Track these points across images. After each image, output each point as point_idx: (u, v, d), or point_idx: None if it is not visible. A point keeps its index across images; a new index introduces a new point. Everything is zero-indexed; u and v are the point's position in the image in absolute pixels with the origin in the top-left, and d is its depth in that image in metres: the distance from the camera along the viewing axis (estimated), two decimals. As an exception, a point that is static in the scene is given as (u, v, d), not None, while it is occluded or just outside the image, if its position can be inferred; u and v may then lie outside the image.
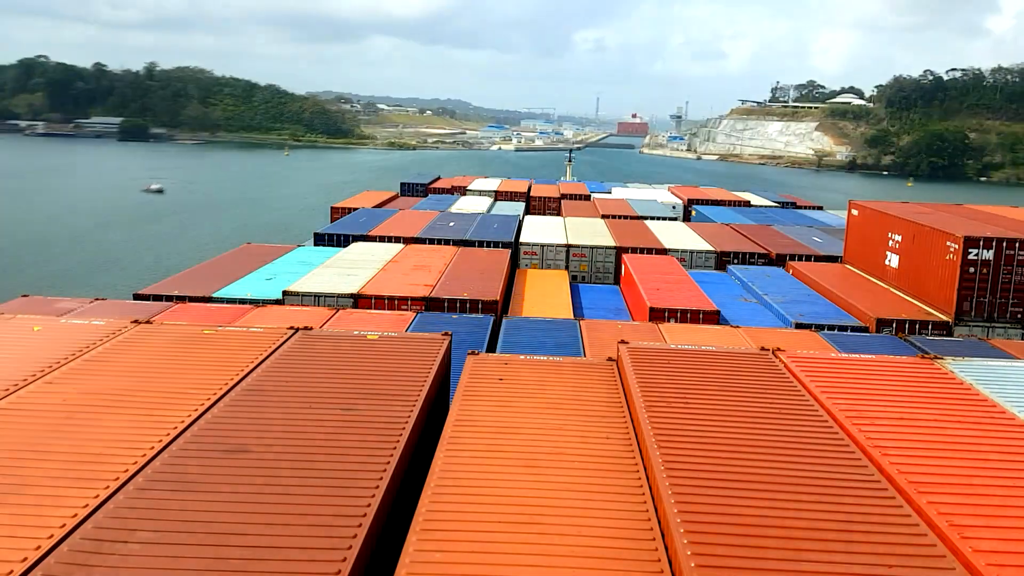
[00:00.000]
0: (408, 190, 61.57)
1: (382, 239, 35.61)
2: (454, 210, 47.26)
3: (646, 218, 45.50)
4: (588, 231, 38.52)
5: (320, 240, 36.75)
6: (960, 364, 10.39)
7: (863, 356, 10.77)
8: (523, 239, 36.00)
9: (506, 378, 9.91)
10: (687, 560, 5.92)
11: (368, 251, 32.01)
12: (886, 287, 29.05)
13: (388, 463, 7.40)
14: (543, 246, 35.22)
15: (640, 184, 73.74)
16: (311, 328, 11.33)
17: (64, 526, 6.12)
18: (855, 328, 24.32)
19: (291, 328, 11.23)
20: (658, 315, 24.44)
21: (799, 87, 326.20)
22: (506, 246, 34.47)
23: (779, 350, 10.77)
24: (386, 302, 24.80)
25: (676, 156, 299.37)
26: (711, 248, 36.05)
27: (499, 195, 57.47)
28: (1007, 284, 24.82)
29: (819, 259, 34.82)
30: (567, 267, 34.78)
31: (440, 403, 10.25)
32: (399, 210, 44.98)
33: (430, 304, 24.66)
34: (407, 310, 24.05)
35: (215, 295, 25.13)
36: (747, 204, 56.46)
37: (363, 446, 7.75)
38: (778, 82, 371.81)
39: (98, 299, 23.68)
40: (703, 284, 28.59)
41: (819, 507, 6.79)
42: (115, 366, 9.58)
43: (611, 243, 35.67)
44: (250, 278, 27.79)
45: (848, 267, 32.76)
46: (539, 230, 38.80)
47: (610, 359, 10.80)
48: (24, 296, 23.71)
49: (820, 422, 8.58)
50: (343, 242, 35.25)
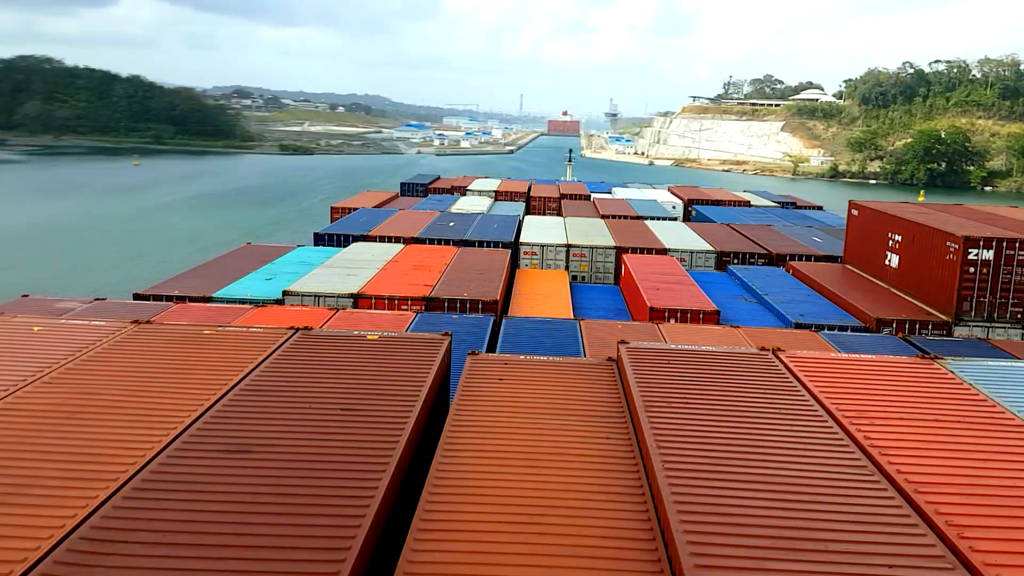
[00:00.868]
0: (408, 190, 61.65)
1: (382, 239, 35.64)
2: (454, 210, 47.29)
3: (646, 218, 45.54)
4: (588, 231, 38.54)
5: (320, 240, 36.78)
6: (960, 364, 10.39)
7: (863, 356, 10.77)
8: (523, 239, 36.01)
9: (506, 378, 9.91)
10: (687, 560, 5.92)
11: (368, 251, 32.03)
12: (886, 287, 29.05)
13: (388, 463, 7.40)
14: (543, 246, 35.23)
15: (640, 184, 73.76)
16: (311, 328, 11.33)
17: (64, 526, 6.12)
18: (855, 328, 24.34)
19: (291, 328, 11.24)
20: (658, 315, 24.45)
21: (755, 82, 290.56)
22: (506, 246, 34.48)
23: (779, 350, 10.76)
24: (386, 302, 24.81)
25: (623, 160, 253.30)
26: (711, 248, 36.06)
27: (499, 195, 57.52)
28: (1007, 284, 24.82)
29: (819, 259, 34.84)
30: (567, 267, 34.79)
31: (440, 403, 10.25)
32: (399, 210, 45.02)
33: (430, 304, 24.67)
34: (407, 310, 24.06)
35: (215, 295, 25.14)
36: (747, 204, 56.50)
37: (363, 446, 7.75)
38: (731, 76, 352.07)
39: (98, 299, 23.69)
40: (703, 284, 28.60)
41: (819, 507, 6.79)
42: (115, 366, 9.58)
43: (611, 243, 35.68)
44: (250, 278, 27.81)
45: (848, 267, 32.76)
46: (539, 230, 38.81)
47: (610, 359, 10.80)
48: (24, 296, 23.72)
49: (820, 422, 8.58)
50: (343, 242, 35.28)
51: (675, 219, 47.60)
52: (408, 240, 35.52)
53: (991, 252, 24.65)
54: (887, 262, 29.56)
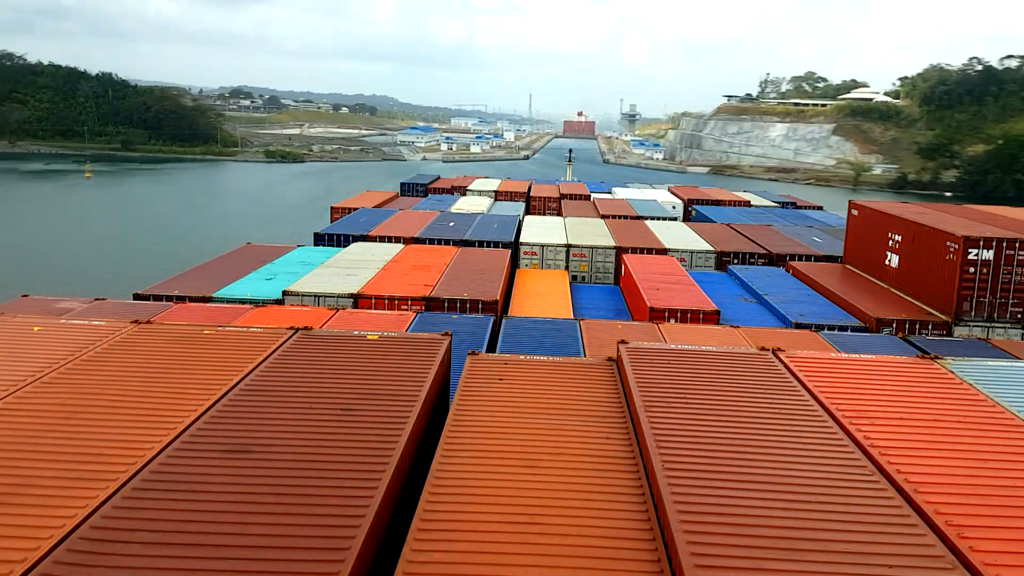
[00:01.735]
0: (408, 190, 61.63)
1: (382, 239, 35.65)
2: (454, 210, 47.30)
3: (646, 218, 45.55)
4: (588, 231, 38.54)
5: (320, 240, 36.79)
6: (960, 364, 10.39)
7: (863, 356, 10.76)
8: (523, 239, 36.01)
9: (506, 378, 9.91)
10: (687, 560, 5.92)
11: (368, 251, 32.04)
12: (886, 287, 29.06)
13: (388, 463, 7.40)
14: (543, 246, 35.23)
15: (640, 184, 73.75)
16: (311, 328, 11.32)
17: (64, 526, 6.12)
18: (855, 328, 24.34)
19: (291, 328, 11.23)
20: (658, 315, 24.45)
21: (795, 79, 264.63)
22: (506, 246, 34.48)
23: (779, 350, 10.76)
24: (386, 302, 24.81)
25: (652, 167, 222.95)
26: (711, 248, 36.07)
27: (499, 195, 57.52)
28: (1007, 284, 24.83)
29: (819, 259, 34.85)
30: (567, 267, 34.80)
31: (440, 403, 10.25)
32: (399, 210, 45.02)
33: (430, 304, 24.68)
34: (407, 310, 24.06)
35: (215, 295, 25.15)
36: (747, 204, 56.51)
37: (363, 446, 7.75)
38: (768, 74, 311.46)
39: (98, 299, 23.69)
40: (703, 284, 28.60)
41: (819, 507, 6.79)
42: (115, 366, 9.58)
43: (611, 243, 35.68)
44: (250, 278, 27.81)
45: (848, 267, 32.76)
46: (539, 230, 38.81)
47: (610, 359, 10.80)
48: (24, 296, 23.72)
49: (820, 422, 8.57)
50: (343, 242, 35.28)
51: (675, 219, 47.60)
52: (408, 240, 35.51)
53: (991, 252, 24.65)
54: (887, 262, 29.56)
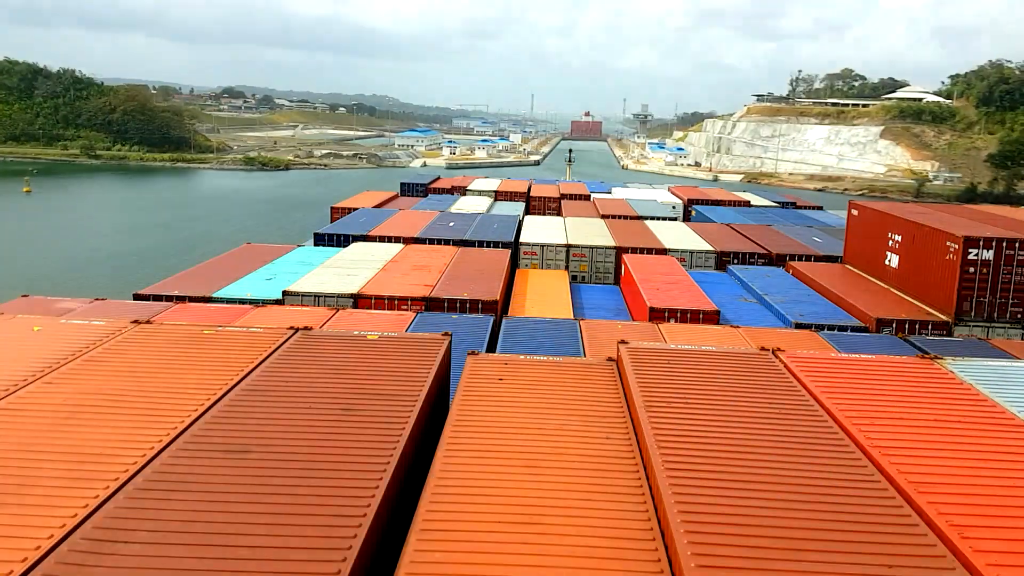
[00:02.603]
0: (408, 190, 61.59)
1: (382, 239, 35.64)
2: (454, 210, 47.29)
3: (646, 218, 45.54)
4: (588, 231, 38.54)
5: (320, 240, 36.79)
6: (960, 364, 10.39)
7: (863, 356, 10.76)
8: (523, 239, 36.01)
9: (506, 378, 9.91)
10: (687, 560, 5.91)
11: (368, 251, 32.04)
12: (886, 287, 29.06)
13: (388, 463, 7.40)
14: (543, 246, 35.23)
15: (640, 184, 73.71)
16: (311, 328, 11.32)
17: (64, 526, 6.12)
18: (855, 328, 24.35)
19: (291, 328, 11.23)
20: (658, 315, 24.45)
21: (830, 77, 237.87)
22: (506, 246, 34.48)
23: (779, 350, 10.76)
24: (386, 302, 24.82)
25: (678, 174, 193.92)
26: (711, 248, 36.07)
27: (499, 195, 57.48)
28: (1007, 284, 24.85)
29: (819, 259, 34.85)
30: (567, 267, 34.80)
31: (440, 403, 10.25)
32: (399, 210, 45.01)
33: (430, 304, 24.68)
34: (407, 310, 24.07)
35: (215, 295, 25.16)
36: (747, 204, 56.47)
37: (363, 446, 7.75)
38: (800, 71, 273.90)
39: (98, 299, 23.71)
40: (703, 284, 28.62)
41: (819, 507, 6.79)
42: (115, 366, 9.58)
43: (611, 243, 35.68)
44: (250, 278, 27.83)
45: (848, 267, 32.77)
46: (539, 230, 38.82)
47: (610, 359, 10.80)
48: (24, 296, 23.73)
49: (820, 422, 8.57)
50: (343, 242, 35.28)
51: (675, 219, 47.58)
52: (408, 240, 35.51)
53: (991, 252, 24.66)
54: (887, 262, 29.56)
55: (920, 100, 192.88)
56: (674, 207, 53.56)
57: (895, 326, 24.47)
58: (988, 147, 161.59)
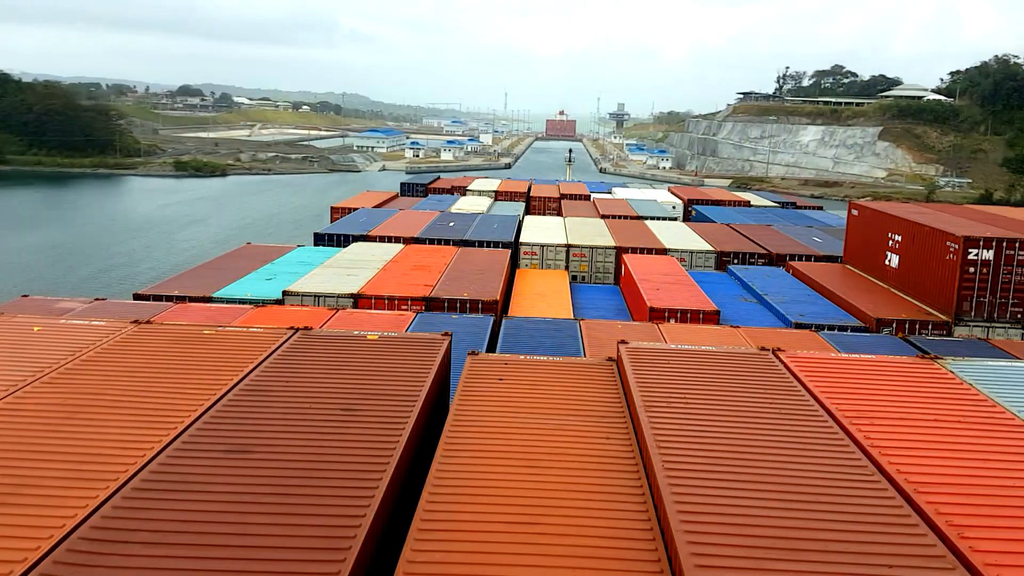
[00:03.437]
0: (408, 190, 61.63)
1: (382, 239, 35.65)
2: (454, 210, 47.29)
3: (646, 218, 45.57)
4: (588, 231, 38.55)
5: (320, 240, 36.80)
6: (960, 364, 10.39)
7: (863, 356, 10.76)
8: (523, 239, 36.01)
9: (506, 378, 9.91)
10: (687, 560, 5.91)
11: (368, 251, 32.05)
12: (886, 287, 29.07)
13: (388, 463, 7.40)
14: (543, 246, 35.23)
15: (640, 184, 73.66)
16: (311, 328, 11.32)
17: (64, 526, 6.12)
18: (855, 328, 24.35)
19: (291, 328, 11.23)
20: (658, 315, 24.45)
21: (819, 74, 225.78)
22: (506, 246, 34.49)
23: (779, 350, 10.76)
24: (386, 302, 24.82)
25: (661, 178, 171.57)
26: (711, 248, 36.07)
27: (499, 195, 57.51)
28: (1007, 284, 24.85)
29: (819, 259, 34.86)
30: (567, 267, 34.81)
31: (440, 403, 10.25)
32: (399, 210, 45.02)
33: (430, 304, 24.68)
34: (407, 310, 24.07)
35: (215, 295, 25.16)
36: (747, 204, 56.50)
37: (363, 446, 7.75)
38: (787, 67, 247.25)
39: (98, 299, 23.72)
40: (703, 284, 28.62)
41: (819, 507, 6.79)
42: (115, 366, 9.58)
43: (611, 243, 35.69)
44: (250, 278, 27.83)
45: (848, 267, 32.77)
46: (539, 230, 38.82)
47: (610, 359, 10.80)
48: (24, 296, 23.73)
49: (820, 422, 8.57)
50: (343, 242, 35.29)
51: (675, 219, 47.61)
52: (408, 240, 35.51)
53: (991, 252, 24.66)
54: (887, 262, 29.56)
55: (920, 98, 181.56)
56: (674, 207, 53.59)
57: (895, 326, 24.47)
58: (996, 149, 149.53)
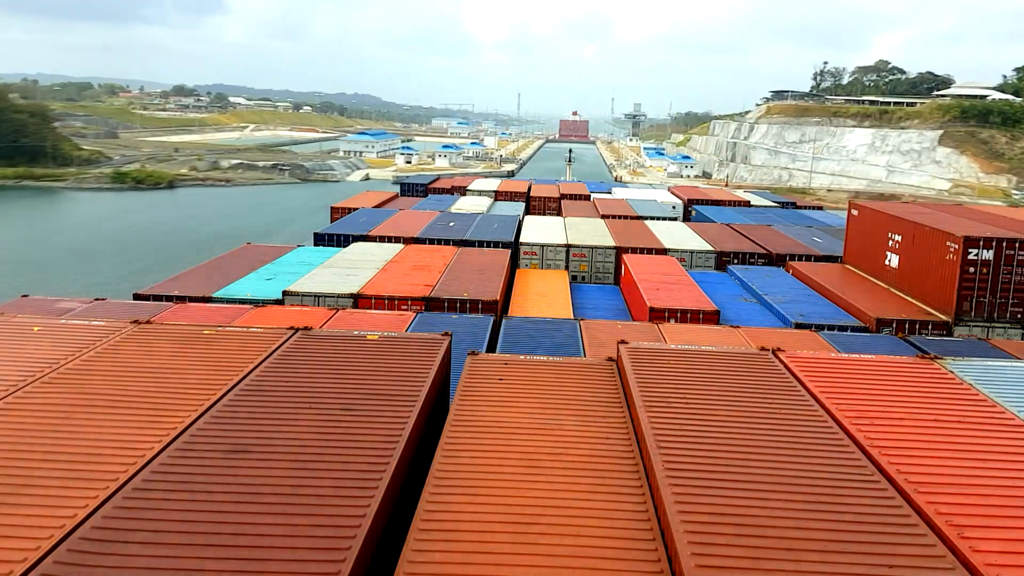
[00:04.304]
0: (408, 190, 61.61)
1: (382, 239, 35.65)
2: (454, 210, 47.28)
3: (646, 218, 45.56)
4: (588, 231, 38.54)
5: (320, 240, 36.79)
6: (960, 364, 10.39)
7: (863, 356, 10.76)
8: (523, 239, 36.01)
9: (506, 378, 9.91)
10: (687, 560, 5.92)
11: (368, 251, 32.05)
12: (886, 287, 29.06)
13: (388, 463, 7.40)
14: (543, 246, 35.23)
15: (640, 184, 73.64)
16: (311, 328, 11.32)
17: (64, 526, 6.12)
18: (855, 328, 24.34)
19: (291, 328, 11.23)
20: (658, 315, 24.45)
21: (861, 71, 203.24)
22: (506, 246, 34.48)
23: (779, 350, 10.76)
24: (386, 302, 24.82)
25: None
26: (711, 248, 36.07)
27: (499, 195, 57.49)
28: (1007, 284, 24.85)
29: (819, 259, 34.85)
30: (567, 267, 34.80)
31: (440, 403, 10.25)
32: (399, 210, 45.01)
33: (430, 304, 24.68)
34: (407, 310, 24.06)
35: (215, 295, 25.16)
36: (747, 204, 56.49)
37: (363, 446, 7.75)
38: (825, 63, 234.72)
39: (98, 299, 23.70)
40: (703, 284, 28.62)
41: (819, 507, 6.79)
42: (115, 366, 9.58)
43: (611, 243, 35.68)
44: (250, 278, 27.82)
45: (848, 267, 32.76)
46: (539, 230, 38.82)
47: (610, 359, 10.80)
48: (24, 296, 23.73)
49: (820, 422, 8.57)
50: (343, 242, 35.28)
51: (675, 219, 47.60)
52: (408, 240, 35.51)
53: (991, 252, 24.66)
54: (887, 262, 29.56)
55: (983, 98, 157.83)
56: (674, 207, 53.56)
57: (895, 326, 24.46)
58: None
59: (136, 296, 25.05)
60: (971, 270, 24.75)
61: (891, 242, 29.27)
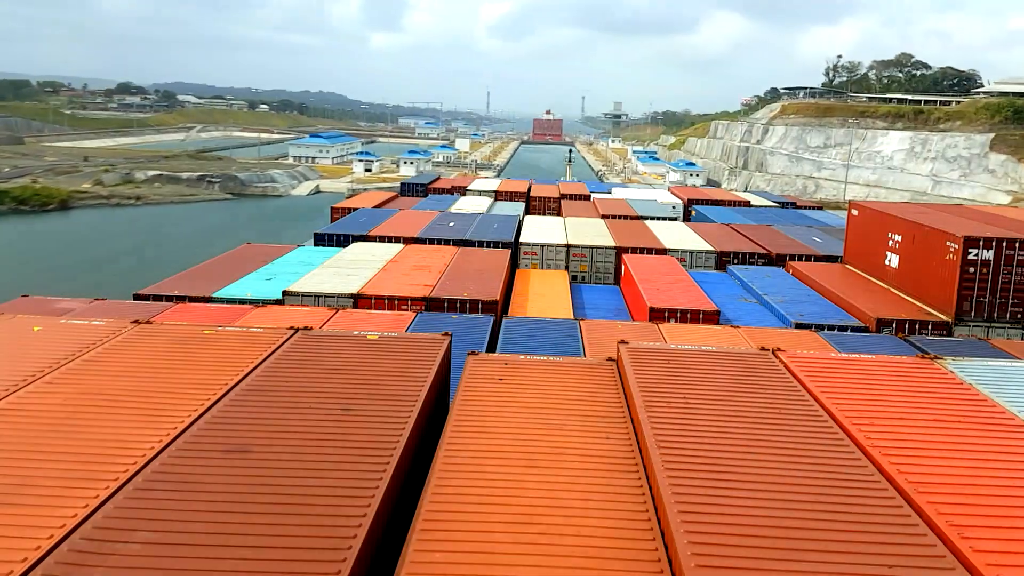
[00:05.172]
0: (408, 190, 61.64)
1: (382, 239, 35.63)
2: (454, 210, 47.28)
3: (646, 218, 45.54)
4: (588, 231, 38.54)
5: (320, 240, 36.79)
6: (960, 364, 10.39)
7: (863, 356, 10.76)
8: (523, 239, 36.01)
9: (506, 378, 9.91)
10: (687, 560, 5.92)
11: (368, 251, 32.04)
12: (886, 287, 29.06)
13: (388, 463, 7.41)
14: (543, 246, 35.23)
15: (640, 184, 73.66)
16: (311, 328, 11.32)
17: (64, 526, 6.12)
18: (855, 328, 24.34)
19: (291, 328, 11.23)
20: (658, 315, 24.44)
21: (882, 64, 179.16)
22: (506, 246, 34.48)
23: (779, 350, 10.76)
24: (386, 302, 24.81)
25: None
26: (711, 248, 36.06)
27: (499, 195, 57.50)
28: (1007, 284, 24.84)
29: (819, 259, 34.84)
30: (567, 267, 34.79)
31: (440, 403, 10.26)
32: (399, 210, 45.01)
33: (430, 304, 24.67)
34: (407, 310, 24.06)
35: (215, 295, 25.15)
36: (747, 204, 56.50)
37: (363, 446, 7.75)
38: (840, 56, 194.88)
39: (98, 299, 23.70)
40: (703, 284, 28.61)
41: (819, 507, 6.79)
42: (115, 366, 9.58)
43: (611, 243, 35.67)
44: (250, 278, 27.82)
45: (848, 267, 32.77)
46: (539, 230, 38.81)
47: (610, 359, 10.80)
48: (24, 296, 23.72)
49: (820, 422, 8.58)
50: (343, 242, 35.28)
51: (675, 219, 47.60)
52: (408, 240, 35.50)
53: (991, 252, 24.66)
54: (887, 262, 29.56)
55: None
56: (674, 207, 53.55)
57: (895, 326, 24.46)
58: None
59: (136, 296, 25.03)
60: (971, 270, 24.75)
61: (891, 242, 29.27)
